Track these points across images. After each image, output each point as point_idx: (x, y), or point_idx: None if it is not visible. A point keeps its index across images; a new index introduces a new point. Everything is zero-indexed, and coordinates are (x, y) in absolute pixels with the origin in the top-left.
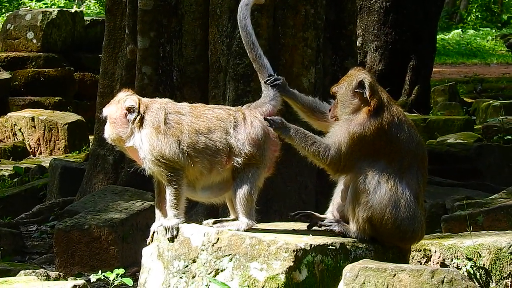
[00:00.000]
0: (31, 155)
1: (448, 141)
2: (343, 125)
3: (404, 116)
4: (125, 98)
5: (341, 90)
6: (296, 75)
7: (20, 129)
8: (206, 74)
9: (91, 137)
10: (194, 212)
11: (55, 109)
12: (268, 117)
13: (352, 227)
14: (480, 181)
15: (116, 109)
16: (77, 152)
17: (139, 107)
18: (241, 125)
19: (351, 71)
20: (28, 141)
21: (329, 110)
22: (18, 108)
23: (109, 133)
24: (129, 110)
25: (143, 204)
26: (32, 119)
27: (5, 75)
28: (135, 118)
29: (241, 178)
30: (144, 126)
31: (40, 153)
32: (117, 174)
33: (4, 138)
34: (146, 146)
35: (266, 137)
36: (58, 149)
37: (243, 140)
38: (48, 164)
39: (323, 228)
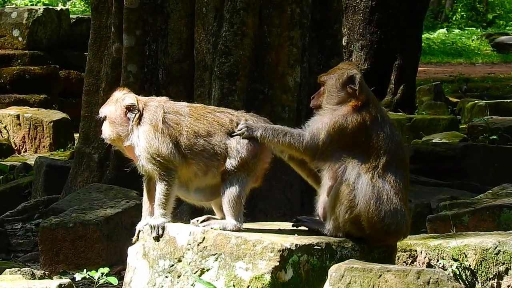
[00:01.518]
0: (16, 153)
1: (433, 140)
2: (325, 114)
3: (387, 116)
4: (123, 97)
5: (330, 81)
6: (282, 74)
7: (5, 127)
8: (191, 73)
9: (76, 135)
10: (179, 211)
11: (41, 107)
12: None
13: (328, 224)
14: (465, 181)
15: (115, 108)
16: (62, 150)
17: (137, 105)
18: None
19: (342, 64)
20: (13, 138)
21: (312, 98)
22: (3, 106)
23: (109, 132)
24: (129, 108)
25: (128, 202)
26: (17, 116)
27: None
28: (135, 116)
29: (231, 181)
30: (141, 124)
31: (25, 151)
32: (102, 172)
33: None
34: (142, 143)
35: (263, 147)
36: (43, 147)
37: (242, 144)
38: (33, 162)
39: (301, 226)
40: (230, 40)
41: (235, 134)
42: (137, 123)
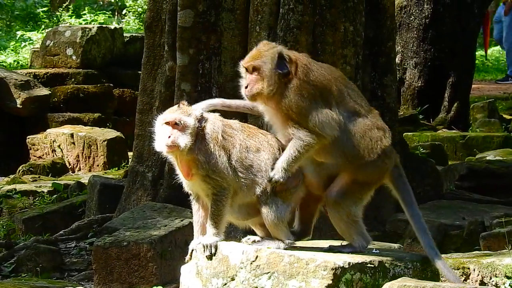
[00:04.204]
0: (70, 172)
1: (487, 158)
2: (284, 100)
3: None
4: (191, 108)
5: (267, 66)
6: None
7: (59, 146)
8: None
9: (130, 154)
10: (233, 229)
11: (94, 125)
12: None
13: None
14: None
15: (189, 118)
16: (116, 168)
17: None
18: None
19: (262, 46)
20: (67, 157)
21: (246, 88)
22: (57, 125)
23: (187, 142)
24: (199, 120)
25: (182, 221)
26: (71, 135)
27: (45, 91)
28: (202, 128)
29: (270, 206)
30: (203, 137)
31: (79, 170)
32: (156, 190)
33: (43, 155)
34: (202, 158)
35: (301, 180)
36: (97, 165)
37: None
38: (87, 181)
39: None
40: None
41: (271, 183)
42: (200, 137)
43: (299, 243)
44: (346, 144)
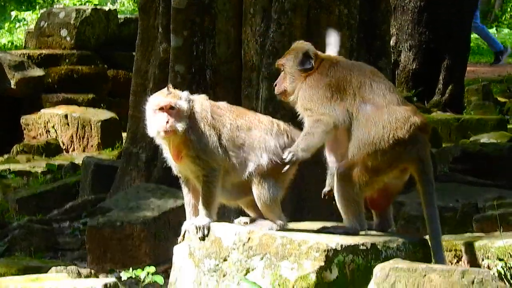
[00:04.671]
0: (64, 152)
1: (481, 140)
2: (304, 92)
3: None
4: (181, 92)
5: (288, 63)
6: None
7: (53, 126)
8: (239, 73)
9: (124, 135)
10: (226, 211)
11: (88, 106)
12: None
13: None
14: None
15: (182, 101)
16: (110, 149)
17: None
18: (283, 134)
19: (296, 44)
20: (61, 138)
21: (275, 86)
22: (51, 105)
23: (183, 125)
24: (188, 101)
25: (175, 202)
26: (65, 116)
27: (39, 72)
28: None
29: (262, 186)
30: (193, 117)
31: (73, 150)
32: (150, 171)
33: (37, 135)
34: (193, 138)
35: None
36: (91, 146)
37: (279, 146)
38: (80, 161)
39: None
40: (278, 41)
41: (285, 163)
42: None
43: (292, 224)
44: (358, 131)
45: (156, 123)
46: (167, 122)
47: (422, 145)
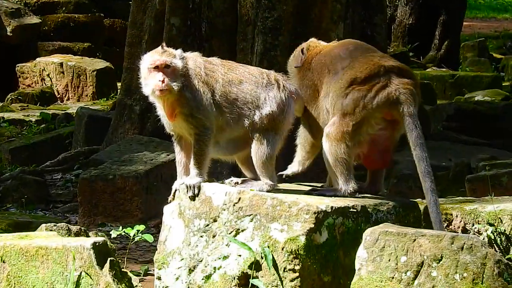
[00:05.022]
0: (58, 101)
1: (476, 98)
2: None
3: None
4: (175, 50)
5: (289, 65)
6: (325, 30)
7: (48, 75)
8: (234, 27)
9: (119, 84)
10: (218, 172)
11: (84, 55)
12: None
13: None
14: (507, 140)
15: (177, 60)
16: (105, 99)
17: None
18: (273, 85)
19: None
20: (56, 86)
21: None
22: (47, 53)
23: (179, 84)
24: (182, 58)
25: (168, 155)
26: (61, 64)
27: (35, 19)
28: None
29: (261, 141)
30: (187, 75)
31: (68, 99)
32: (144, 124)
33: (32, 83)
34: (188, 95)
35: (289, 106)
36: (86, 95)
37: (271, 98)
38: (75, 111)
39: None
40: None
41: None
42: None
43: (282, 185)
44: (333, 87)
45: (151, 82)
46: (163, 81)
47: (399, 88)
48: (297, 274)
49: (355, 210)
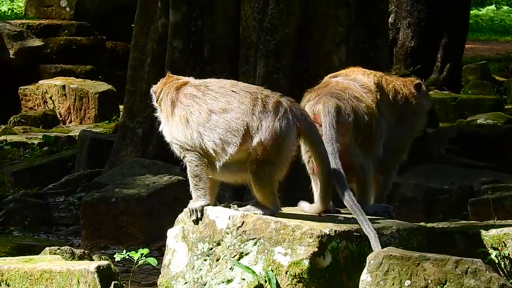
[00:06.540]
0: (61, 124)
1: (478, 121)
2: None
3: None
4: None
5: None
6: (327, 53)
7: (51, 97)
8: (237, 50)
9: (121, 107)
10: (220, 194)
11: (87, 77)
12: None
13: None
14: (509, 163)
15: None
16: (107, 121)
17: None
18: (269, 112)
19: None
20: (58, 109)
21: None
22: (49, 76)
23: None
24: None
25: (170, 178)
26: (63, 87)
27: (37, 42)
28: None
29: (257, 173)
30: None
31: (70, 122)
32: (146, 147)
33: (34, 106)
34: (162, 127)
35: (287, 135)
36: (88, 118)
37: (265, 126)
38: (77, 134)
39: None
40: (276, 18)
41: None
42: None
43: (286, 209)
44: None
45: None
46: None
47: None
48: None
49: (358, 234)
